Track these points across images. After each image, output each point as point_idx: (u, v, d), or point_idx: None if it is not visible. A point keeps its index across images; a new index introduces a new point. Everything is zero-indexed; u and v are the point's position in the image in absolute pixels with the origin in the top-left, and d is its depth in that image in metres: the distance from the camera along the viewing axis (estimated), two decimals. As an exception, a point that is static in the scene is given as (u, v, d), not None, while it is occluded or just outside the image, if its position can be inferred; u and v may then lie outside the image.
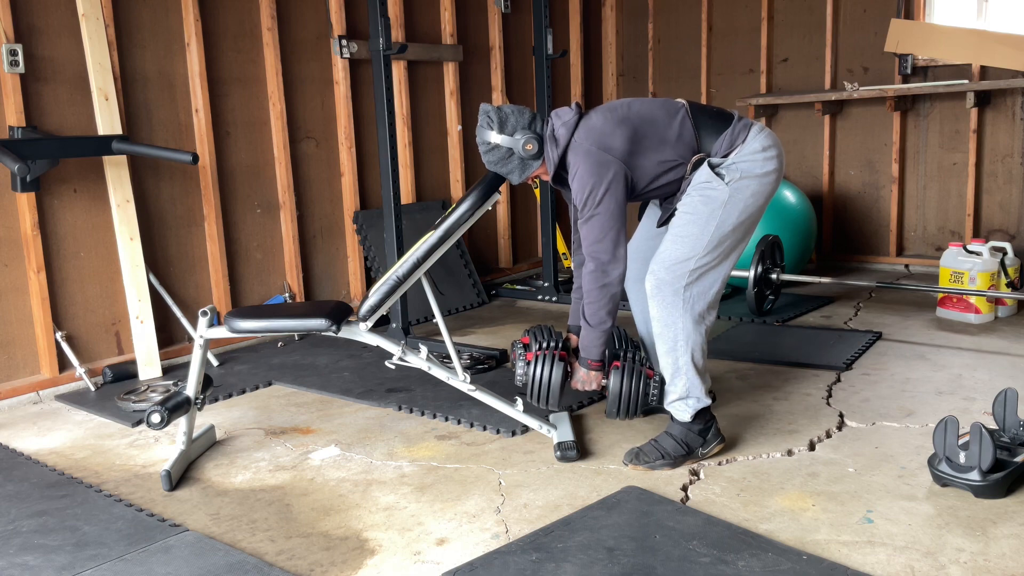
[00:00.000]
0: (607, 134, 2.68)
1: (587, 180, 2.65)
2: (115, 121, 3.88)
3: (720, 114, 2.77)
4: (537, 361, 2.85)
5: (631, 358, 2.86)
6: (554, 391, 2.84)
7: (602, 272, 2.69)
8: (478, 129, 2.79)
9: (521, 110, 2.78)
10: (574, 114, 2.75)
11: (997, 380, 3.44)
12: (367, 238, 4.93)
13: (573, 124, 2.73)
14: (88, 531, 2.48)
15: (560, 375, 2.83)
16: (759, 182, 2.69)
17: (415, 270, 3.01)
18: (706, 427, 2.79)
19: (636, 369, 2.82)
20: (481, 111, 2.79)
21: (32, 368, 3.81)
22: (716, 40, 6.10)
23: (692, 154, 2.71)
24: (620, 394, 2.80)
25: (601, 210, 2.65)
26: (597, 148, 2.66)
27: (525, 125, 2.75)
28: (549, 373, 2.83)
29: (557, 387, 2.83)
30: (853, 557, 2.18)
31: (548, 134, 2.75)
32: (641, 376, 2.82)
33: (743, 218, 2.69)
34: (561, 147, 2.72)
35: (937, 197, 5.47)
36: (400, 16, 5.03)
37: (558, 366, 2.84)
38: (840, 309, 4.70)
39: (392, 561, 2.28)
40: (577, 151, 2.69)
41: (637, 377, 2.81)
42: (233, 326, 2.88)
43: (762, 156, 2.69)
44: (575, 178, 2.69)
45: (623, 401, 2.80)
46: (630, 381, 2.80)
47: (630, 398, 2.80)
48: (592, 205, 2.65)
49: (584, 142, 2.68)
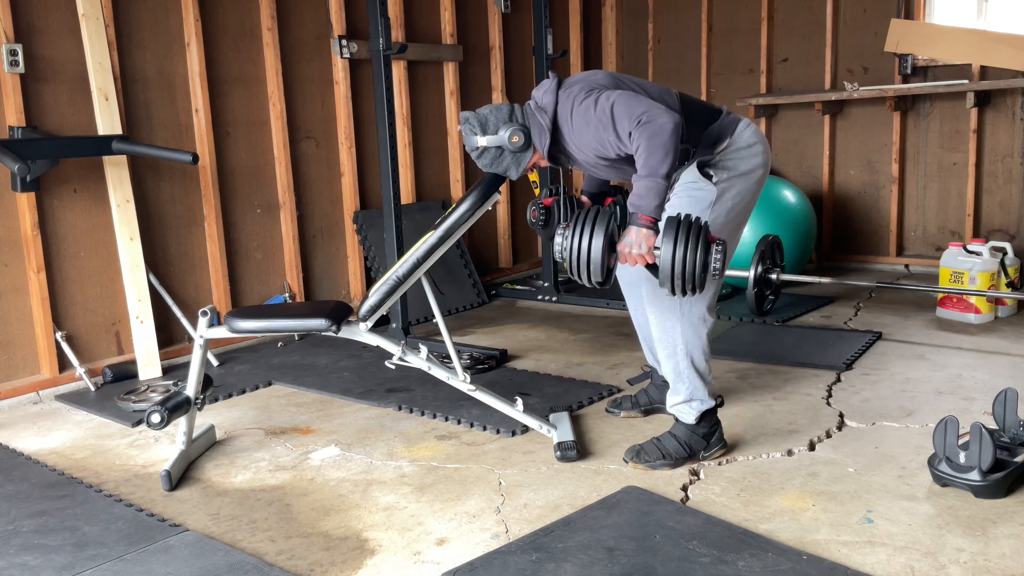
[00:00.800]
0: (592, 79, 2.64)
1: (587, 101, 2.55)
2: (115, 121, 3.88)
3: (708, 108, 2.75)
4: (576, 227, 2.41)
5: (687, 218, 2.40)
6: (597, 261, 2.39)
7: (648, 121, 2.39)
8: (464, 138, 2.74)
9: (498, 107, 2.73)
10: (552, 80, 2.70)
11: (997, 380, 3.44)
12: (367, 238, 4.93)
13: (555, 87, 2.67)
14: (88, 531, 2.48)
15: (602, 243, 2.38)
16: (745, 180, 2.68)
17: (415, 270, 3.00)
18: (711, 431, 2.78)
19: (695, 229, 2.35)
20: (461, 119, 2.73)
21: (32, 368, 3.81)
22: (716, 40, 6.10)
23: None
24: (674, 260, 2.32)
25: (615, 96, 2.49)
26: (587, 83, 2.62)
27: (505, 119, 2.69)
28: (589, 240, 2.38)
29: (599, 257, 2.38)
30: (853, 557, 2.18)
31: (531, 109, 2.70)
32: (700, 239, 2.34)
33: (732, 216, 2.68)
34: (550, 111, 2.65)
35: (937, 197, 5.47)
36: (400, 16, 5.03)
37: (599, 230, 2.38)
38: (840, 309, 4.70)
39: (392, 561, 2.28)
40: (566, 99, 2.62)
41: (695, 240, 2.33)
42: (233, 326, 2.88)
43: (748, 152, 2.68)
44: (574, 113, 2.59)
45: (678, 269, 2.32)
46: (686, 245, 2.32)
47: (687, 265, 2.32)
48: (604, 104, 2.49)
49: (572, 88, 2.64)
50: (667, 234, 2.35)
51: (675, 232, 2.34)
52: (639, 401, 3.22)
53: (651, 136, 2.38)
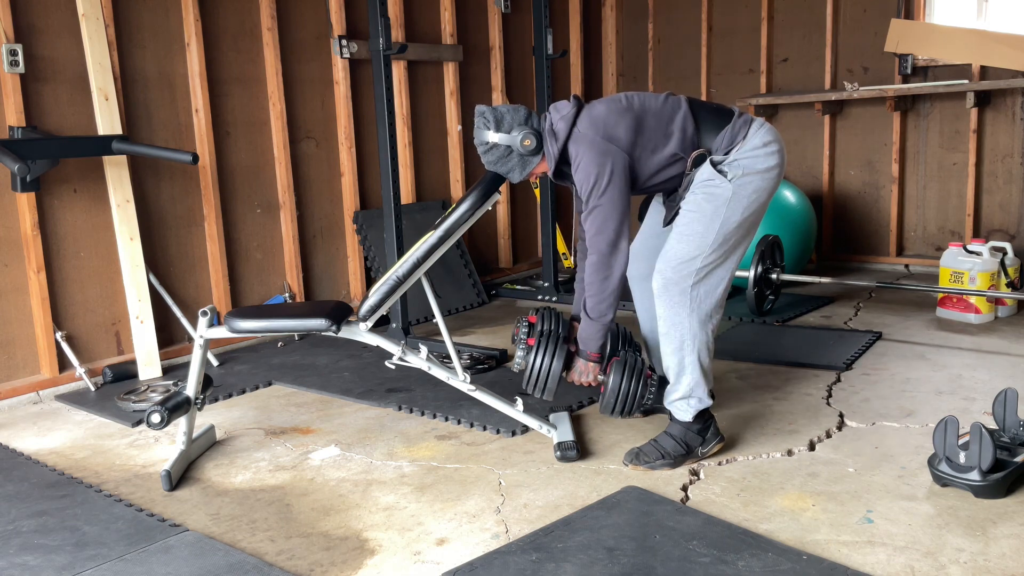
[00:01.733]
0: (611, 124, 2.67)
1: (591, 169, 2.64)
2: (115, 121, 3.88)
3: (720, 110, 2.76)
4: (539, 348, 2.80)
5: (631, 357, 2.83)
6: (551, 381, 2.80)
7: (604, 264, 2.68)
8: (475, 130, 2.79)
9: (516, 108, 2.77)
10: (572, 107, 2.74)
11: (997, 380, 3.44)
12: (367, 238, 4.93)
13: (572, 117, 2.72)
14: (88, 531, 2.48)
15: (559, 366, 2.79)
16: (761, 178, 2.69)
17: (415, 270, 3.01)
18: (705, 426, 2.79)
19: (636, 368, 2.79)
20: (477, 112, 2.78)
21: (32, 368, 3.81)
22: (716, 40, 6.10)
23: (693, 149, 2.70)
24: (618, 391, 2.77)
25: (604, 200, 2.64)
26: (601, 138, 2.65)
27: (521, 121, 2.74)
28: (549, 363, 2.79)
29: (555, 378, 2.80)
30: (853, 557, 2.18)
31: (547, 129, 2.75)
32: (640, 375, 2.79)
33: (747, 214, 2.69)
34: (561, 141, 2.71)
35: (937, 197, 5.46)
36: (400, 16, 5.03)
37: (559, 356, 2.79)
38: (840, 309, 4.70)
39: (392, 561, 2.28)
40: (580, 141, 2.68)
41: (636, 376, 2.78)
42: (233, 326, 2.88)
43: (764, 152, 2.68)
44: (578, 168, 2.67)
45: (620, 398, 2.77)
46: (629, 379, 2.77)
47: (627, 396, 2.77)
48: (596, 195, 2.64)
49: (587, 131, 2.68)
50: (614, 368, 2.78)
51: (621, 368, 2.79)
52: (639, 401, 3.24)
53: (603, 280, 2.69)
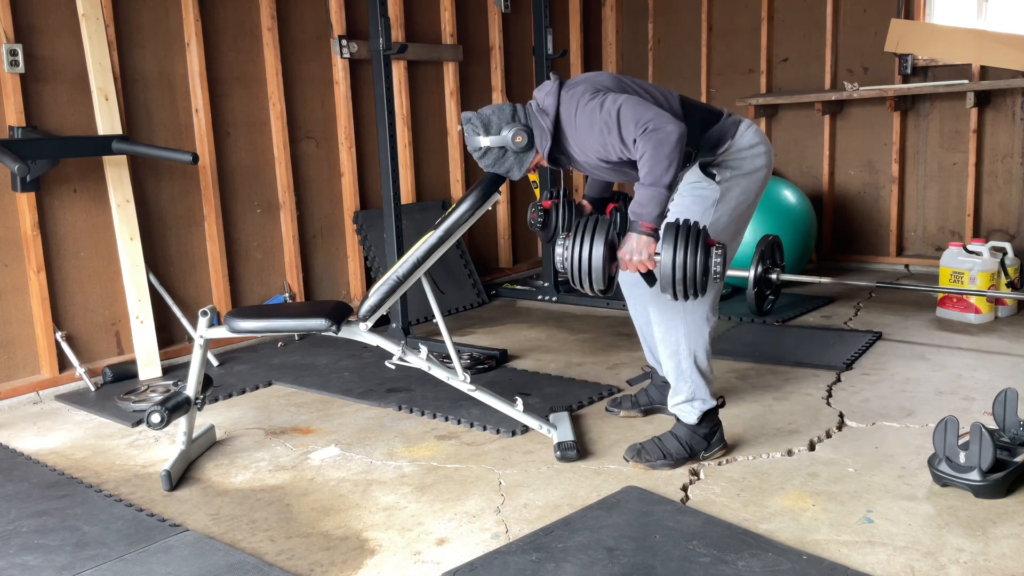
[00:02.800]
0: (595, 81, 2.65)
1: (591, 103, 2.54)
2: (115, 121, 3.88)
3: (709, 110, 2.75)
4: (577, 236, 2.42)
5: (685, 223, 2.40)
6: (596, 270, 2.40)
7: (655, 129, 2.39)
8: (466, 138, 2.74)
9: (501, 107, 2.73)
10: (554, 82, 2.70)
11: (997, 380, 3.44)
12: (367, 238, 4.93)
13: (557, 89, 2.68)
14: (88, 531, 2.48)
15: (603, 251, 2.39)
16: (749, 179, 2.68)
17: (415, 270, 3.01)
18: (711, 431, 2.78)
19: (694, 234, 2.35)
20: (463, 120, 2.73)
21: (32, 368, 3.81)
22: (716, 40, 6.10)
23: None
24: (674, 265, 2.32)
25: (622, 100, 2.49)
26: (590, 85, 2.62)
27: (508, 119, 2.70)
28: (590, 249, 2.39)
29: (600, 265, 2.39)
30: (853, 557, 2.18)
31: (534, 110, 2.71)
32: (700, 243, 2.33)
33: (735, 215, 2.69)
34: (552, 113, 2.65)
35: (937, 197, 5.47)
36: (400, 16, 5.03)
37: (599, 239, 2.40)
38: (840, 309, 4.70)
39: (392, 561, 2.28)
40: (569, 100, 2.62)
41: (695, 245, 2.33)
42: (233, 326, 2.88)
43: (750, 153, 2.68)
44: (578, 115, 2.58)
45: (679, 274, 2.32)
46: (686, 250, 2.32)
47: (688, 270, 2.32)
48: (610, 107, 2.50)
49: (575, 89, 2.64)
50: (667, 240, 2.35)
51: (675, 237, 2.34)
52: (639, 401, 3.22)
53: (657, 144, 2.39)
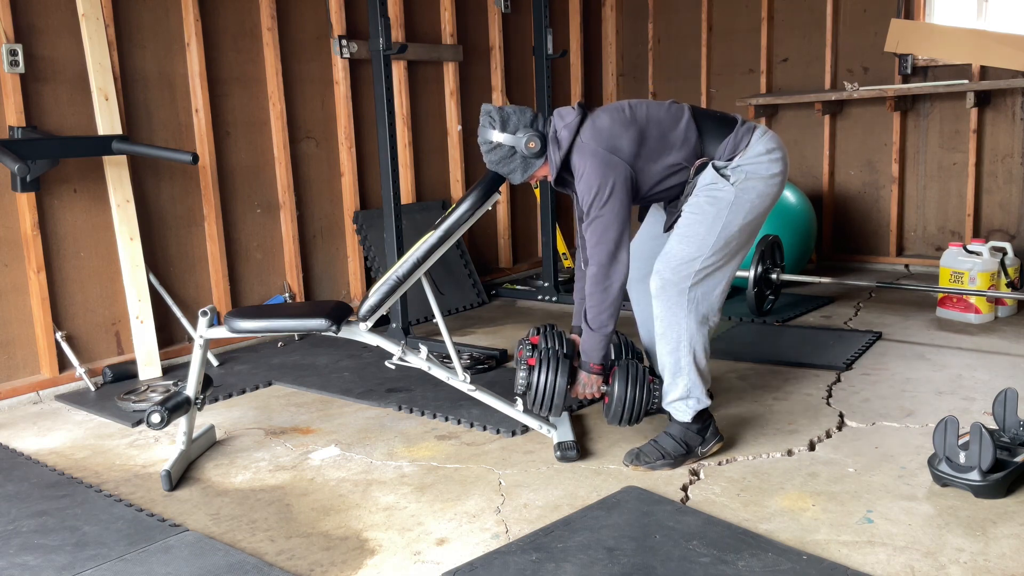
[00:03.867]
0: (616, 135, 2.68)
1: (593, 181, 2.65)
2: (115, 121, 3.88)
3: (723, 119, 2.77)
4: (540, 367, 2.79)
5: (633, 364, 2.81)
6: (558, 398, 2.78)
7: (604, 275, 2.68)
8: (480, 129, 2.79)
9: (523, 109, 2.78)
10: (576, 115, 2.74)
11: (997, 380, 3.44)
12: (367, 238, 4.93)
13: (575, 125, 2.72)
14: (88, 531, 2.48)
15: (563, 381, 2.77)
16: (764, 184, 2.69)
17: (415, 270, 3.01)
18: (704, 426, 2.79)
19: (639, 375, 2.78)
20: (483, 111, 2.79)
21: (32, 368, 3.81)
22: (716, 40, 6.10)
23: (696, 158, 2.71)
24: (624, 400, 2.75)
25: (606, 211, 2.65)
26: (604, 149, 2.66)
27: (527, 124, 2.75)
28: (553, 380, 2.77)
29: (561, 394, 2.78)
30: (853, 557, 2.18)
31: (551, 135, 2.75)
32: (643, 382, 2.78)
33: (748, 219, 2.69)
34: (564, 149, 2.72)
35: (937, 197, 5.47)
36: (400, 16, 5.03)
37: (563, 373, 2.78)
38: (840, 309, 4.70)
39: (392, 561, 2.28)
40: (583, 152, 2.69)
41: (640, 383, 2.77)
42: (233, 326, 2.88)
43: (767, 159, 2.69)
44: (581, 179, 2.68)
45: (626, 407, 2.76)
46: (633, 387, 2.76)
47: (633, 404, 2.76)
48: (598, 206, 2.65)
49: (590, 143, 2.68)
50: (617, 377, 2.77)
51: (624, 377, 2.78)
52: (639, 401, 3.24)
53: (604, 290, 2.69)
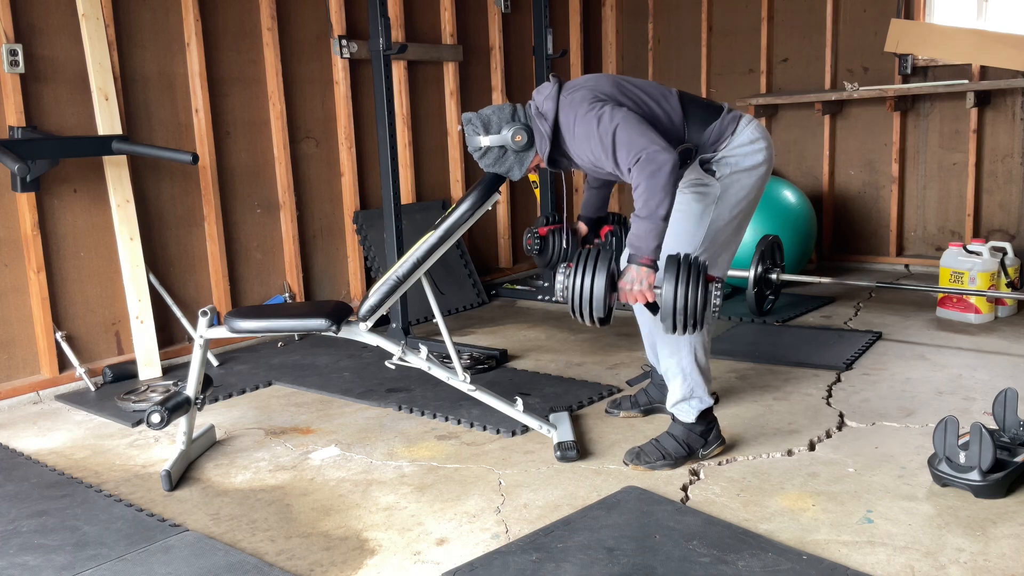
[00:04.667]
0: (595, 87, 2.64)
1: (590, 114, 2.55)
2: (115, 121, 3.88)
3: (710, 105, 2.75)
4: (578, 267, 2.43)
5: (686, 258, 2.42)
6: (598, 300, 2.39)
7: (648, 160, 2.40)
8: (467, 138, 2.75)
9: (501, 107, 2.74)
10: (554, 84, 2.71)
11: (997, 380, 3.44)
12: (367, 238, 4.93)
13: (556, 93, 2.68)
14: (88, 531, 2.48)
15: (604, 282, 2.39)
16: (749, 175, 2.68)
17: (415, 270, 3.01)
18: (708, 428, 2.79)
19: (692, 266, 2.38)
20: (464, 121, 2.74)
21: (32, 368, 3.81)
22: (716, 40, 6.10)
23: (679, 142, 2.66)
24: (676, 298, 2.33)
25: (619, 120, 2.50)
26: (590, 92, 2.62)
27: (508, 119, 2.71)
28: (592, 280, 2.40)
29: (601, 295, 2.39)
30: (853, 557, 2.18)
31: (533, 113, 2.71)
32: (700, 279, 2.36)
33: (736, 212, 2.69)
34: (551, 118, 2.66)
35: (937, 197, 5.47)
36: (400, 16, 5.03)
37: (601, 270, 2.40)
38: (840, 309, 4.70)
39: (392, 561, 2.28)
40: (568, 105, 2.62)
41: (696, 280, 2.35)
42: (233, 326, 2.88)
43: (751, 148, 2.68)
44: (576, 124, 2.59)
45: (679, 307, 2.34)
46: (687, 282, 2.34)
47: (688, 303, 2.34)
48: (607, 124, 2.51)
49: (574, 95, 2.63)
50: (668, 274, 2.37)
51: (676, 271, 2.36)
52: (639, 401, 3.23)
53: (651, 176, 2.40)
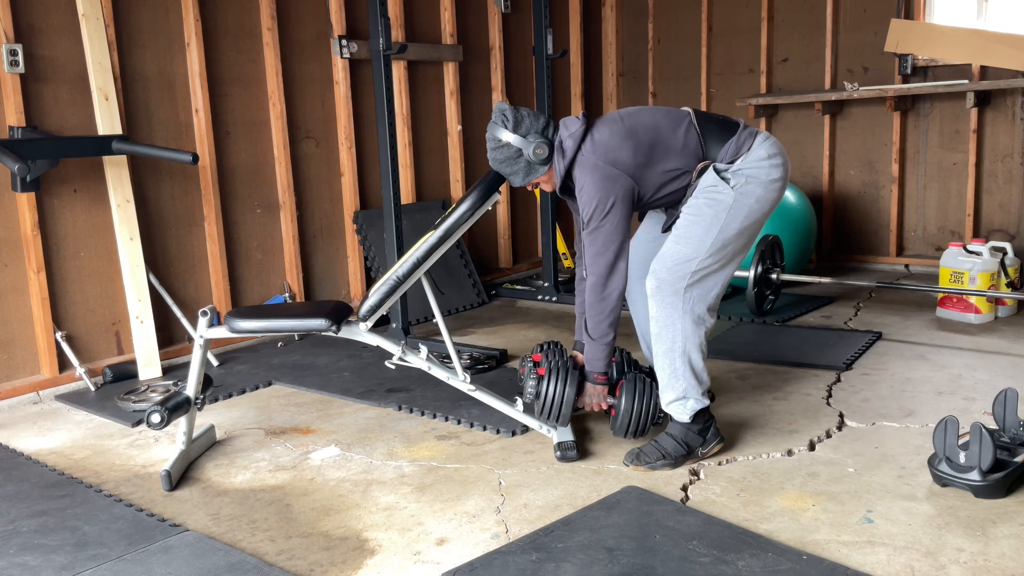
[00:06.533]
0: (614, 148, 2.68)
1: (594, 194, 2.66)
2: (115, 121, 3.88)
3: (725, 122, 2.78)
4: (550, 377, 2.84)
5: (640, 378, 2.85)
6: (565, 407, 2.83)
7: (602, 286, 2.72)
8: (490, 125, 2.79)
9: (537, 115, 2.80)
10: (581, 125, 2.75)
11: (997, 380, 3.44)
12: (367, 238, 4.93)
13: (580, 136, 2.72)
14: (88, 531, 2.48)
15: (572, 392, 2.82)
16: (764, 188, 2.70)
17: (415, 270, 3.01)
18: (705, 427, 2.79)
19: (645, 388, 2.81)
20: (496, 109, 2.80)
21: (32, 368, 3.81)
22: (716, 40, 6.10)
23: (697, 162, 2.72)
24: (631, 412, 2.79)
25: (606, 223, 2.67)
26: (604, 162, 2.67)
27: (539, 130, 2.76)
28: (562, 391, 2.82)
29: (568, 403, 2.82)
30: (853, 557, 2.18)
31: (556, 144, 2.76)
32: (650, 395, 2.81)
33: (747, 223, 2.70)
34: (567, 159, 2.73)
35: (937, 197, 5.47)
36: (400, 16, 5.03)
37: (571, 382, 2.83)
38: (840, 309, 4.70)
39: (392, 561, 2.28)
40: (584, 165, 2.70)
41: (646, 396, 2.80)
42: (233, 326, 2.88)
43: (768, 164, 2.70)
44: (582, 191, 2.70)
45: (632, 419, 2.80)
46: (640, 399, 2.80)
47: (640, 416, 2.79)
48: (598, 218, 2.67)
49: (591, 156, 2.69)
50: (624, 389, 2.82)
51: (631, 388, 2.82)
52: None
53: (600, 301, 2.73)
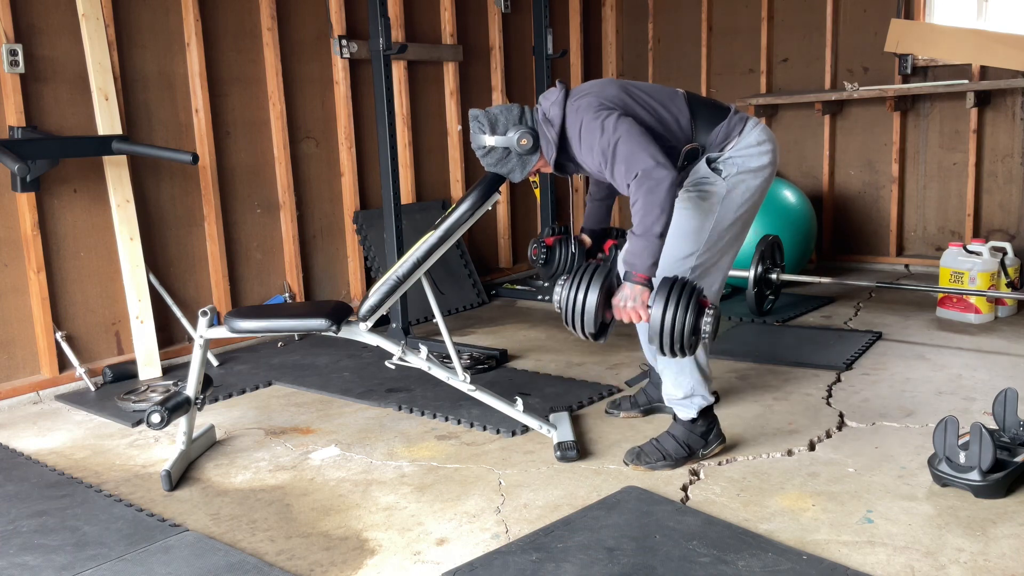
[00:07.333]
0: (601, 93, 2.63)
1: (595, 123, 2.55)
2: (115, 121, 3.88)
3: (716, 106, 2.75)
4: (575, 281, 2.41)
5: (681, 281, 2.37)
6: (589, 315, 2.37)
7: (646, 177, 2.40)
8: (472, 135, 2.75)
9: (509, 108, 2.74)
10: (560, 91, 2.70)
11: (997, 380, 3.44)
12: (367, 238, 4.93)
13: (562, 99, 2.67)
14: (88, 531, 2.48)
15: (597, 297, 2.36)
16: (754, 176, 2.69)
17: (415, 270, 3.01)
18: (708, 428, 2.79)
19: (685, 288, 2.32)
20: (471, 117, 2.74)
21: (32, 368, 3.81)
22: (716, 40, 6.10)
23: (687, 141, 2.67)
24: (663, 321, 2.29)
25: (622, 132, 2.50)
26: (596, 99, 2.61)
27: (515, 121, 2.71)
28: (585, 294, 2.38)
29: (593, 310, 2.36)
30: (853, 557, 2.18)
31: (540, 119, 2.71)
32: (692, 297, 2.31)
33: (740, 212, 2.69)
34: (557, 125, 2.66)
35: (937, 197, 5.47)
36: (400, 16, 5.03)
37: (596, 286, 2.37)
38: (840, 309, 4.70)
39: (392, 561, 2.28)
40: (574, 112, 2.62)
41: (689, 303, 2.29)
42: (233, 326, 2.88)
43: (757, 150, 2.68)
44: (583, 131, 2.59)
45: (667, 328, 2.29)
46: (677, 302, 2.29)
47: (676, 326, 2.28)
48: (610, 136, 2.51)
49: (580, 101, 2.63)
50: (659, 294, 2.33)
51: (667, 293, 2.31)
52: (638, 401, 3.23)
53: (648, 192, 2.39)
